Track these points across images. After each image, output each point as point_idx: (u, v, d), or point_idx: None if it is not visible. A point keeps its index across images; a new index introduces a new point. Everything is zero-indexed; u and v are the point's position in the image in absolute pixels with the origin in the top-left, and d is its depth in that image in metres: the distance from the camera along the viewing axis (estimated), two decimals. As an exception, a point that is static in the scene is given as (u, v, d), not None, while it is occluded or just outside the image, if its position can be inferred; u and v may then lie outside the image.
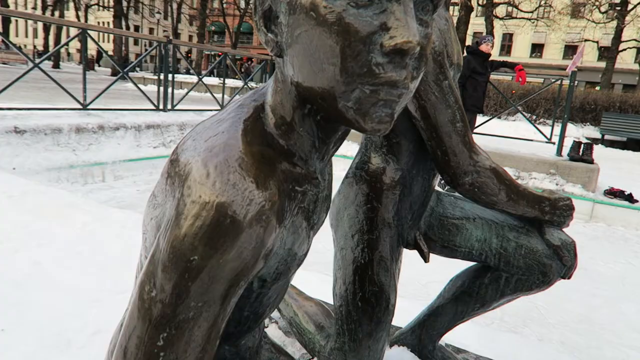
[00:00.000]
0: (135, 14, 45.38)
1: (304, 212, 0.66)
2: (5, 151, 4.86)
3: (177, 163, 0.59)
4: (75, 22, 7.01)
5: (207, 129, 0.61)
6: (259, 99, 0.65)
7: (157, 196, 0.64)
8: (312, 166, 0.66)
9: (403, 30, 0.49)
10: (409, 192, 1.17)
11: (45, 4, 38.05)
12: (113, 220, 3.00)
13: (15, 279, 2.13)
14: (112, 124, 6.00)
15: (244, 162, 0.54)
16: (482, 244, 1.25)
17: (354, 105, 0.53)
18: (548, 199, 1.18)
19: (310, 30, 0.52)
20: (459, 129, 1.04)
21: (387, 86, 0.52)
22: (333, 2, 0.50)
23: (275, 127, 0.62)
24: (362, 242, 1.15)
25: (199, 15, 31.93)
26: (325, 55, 0.52)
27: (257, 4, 0.59)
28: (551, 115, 13.19)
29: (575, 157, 6.88)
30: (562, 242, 1.17)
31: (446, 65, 1.02)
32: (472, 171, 1.06)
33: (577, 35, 34.07)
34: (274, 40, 0.59)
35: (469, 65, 6.56)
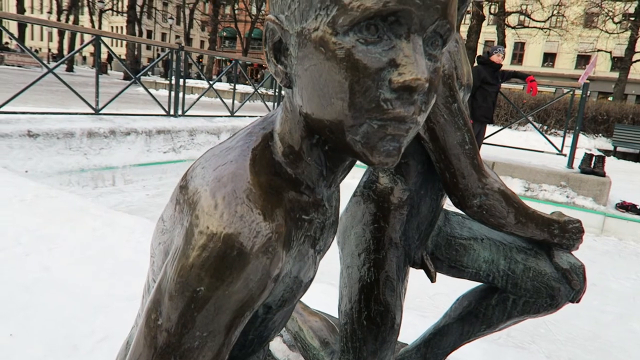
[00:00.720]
0: (148, 19, 45.88)
1: (310, 240, 0.66)
2: (18, 154, 4.92)
3: (186, 190, 0.59)
4: (89, 28, 7.11)
5: (216, 157, 0.61)
6: (267, 127, 0.65)
7: (165, 221, 0.65)
8: (319, 194, 0.66)
9: (412, 67, 0.49)
10: (417, 212, 1.16)
11: (60, 8, 38.61)
12: (122, 225, 3.03)
13: (25, 282, 2.15)
14: (124, 128, 6.06)
15: (252, 193, 0.54)
16: (489, 265, 1.24)
17: (361, 139, 0.54)
18: (557, 222, 1.17)
19: (319, 64, 0.53)
20: (467, 151, 1.04)
21: (395, 121, 0.52)
22: (342, 38, 0.50)
23: (284, 156, 0.63)
24: (368, 261, 1.15)
25: (211, 21, 32.20)
26: (334, 90, 0.52)
27: (268, 36, 0.59)
28: (562, 125, 13.10)
29: (586, 169, 6.82)
30: (571, 266, 1.16)
31: (455, 87, 1.02)
32: (480, 193, 1.06)
33: (590, 45, 33.86)
34: (284, 72, 0.59)
35: (479, 76, 6.55)
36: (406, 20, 0.49)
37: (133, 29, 27.89)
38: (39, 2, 53.49)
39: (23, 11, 32.10)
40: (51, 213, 3.07)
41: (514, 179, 7.16)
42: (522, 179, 7.12)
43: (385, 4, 0.48)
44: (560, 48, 37.03)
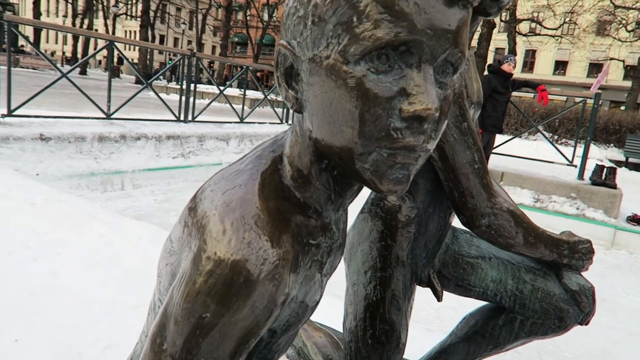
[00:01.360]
0: (162, 23, 46.38)
1: (317, 264, 0.66)
2: (30, 157, 4.98)
3: (195, 213, 0.60)
4: (103, 34, 7.21)
5: (225, 180, 0.61)
6: (277, 150, 0.65)
7: (173, 242, 0.65)
8: (327, 217, 0.66)
9: (422, 97, 0.49)
10: (425, 230, 1.15)
11: (75, 12, 39.18)
12: (130, 231, 3.04)
13: (32, 288, 2.16)
14: (134, 133, 6.11)
15: (260, 219, 0.54)
16: (497, 285, 1.22)
17: (371, 167, 0.54)
18: (567, 242, 1.15)
19: (330, 92, 0.53)
20: (477, 170, 1.03)
21: (405, 150, 0.52)
22: (353, 67, 0.50)
23: (292, 180, 0.63)
24: (374, 279, 1.14)
25: (223, 26, 32.48)
26: (344, 118, 0.52)
27: (279, 61, 0.59)
28: (573, 135, 12.99)
29: (597, 181, 6.74)
30: (580, 288, 1.14)
31: (465, 106, 1.01)
32: (489, 213, 1.05)
33: (602, 53, 33.60)
34: (294, 97, 0.59)
35: (489, 85, 6.52)
36: (417, 50, 0.49)
37: (146, 33, 28.21)
38: (54, 6, 54.31)
39: (39, 15, 32.60)
40: (60, 217, 3.10)
41: (523, 190, 7.10)
42: (531, 189, 7.06)
43: (397, 35, 0.48)
44: (572, 56, 36.82)
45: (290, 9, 0.58)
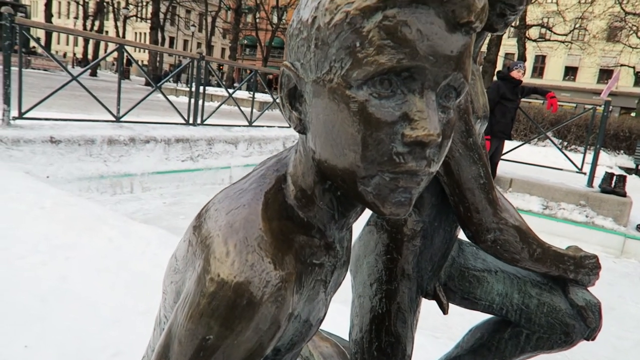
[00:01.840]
0: (171, 26, 46.69)
1: (320, 283, 0.66)
2: (40, 160, 5.03)
3: (199, 232, 0.60)
4: (113, 37, 7.28)
5: (229, 199, 0.62)
6: (281, 169, 0.66)
7: (178, 260, 0.66)
8: (330, 237, 0.67)
9: (424, 122, 0.50)
10: (430, 244, 1.16)
11: (86, 14, 39.58)
12: (139, 236, 3.07)
13: (42, 292, 2.19)
14: (143, 136, 6.16)
15: (263, 241, 0.55)
16: (503, 299, 1.22)
17: (373, 190, 0.54)
18: (573, 258, 1.15)
19: (332, 115, 0.53)
20: (482, 185, 1.03)
21: (407, 174, 0.53)
22: (356, 92, 0.51)
23: (296, 199, 0.63)
24: (380, 292, 1.15)
25: (232, 29, 32.66)
26: (347, 142, 0.53)
27: (283, 82, 0.60)
28: (583, 141, 12.89)
29: (607, 189, 6.69)
30: (586, 303, 1.14)
31: (471, 122, 1.02)
32: (495, 228, 1.05)
33: (612, 59, 33.33)
34: (298, 118, 0.60)
35: (498, 91, 6.50)
36: (420, 76, 0.50)
37: (156, 35, 28.43)
38: (66, 8, 54.90)
39: (51, 16, 32.95)
40: (70, 221, 3.13)
41: (532, 197, 7.06)
42: (540, 196, 7.02)
43: (399, 61, 0.48)
44: (582, 62, 36.58)
45: (294, 30, 0.58)
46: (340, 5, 0.51)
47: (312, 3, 0.55)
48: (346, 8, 0.50)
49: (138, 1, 40.38)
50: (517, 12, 1.01)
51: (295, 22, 0.58)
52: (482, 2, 0.50)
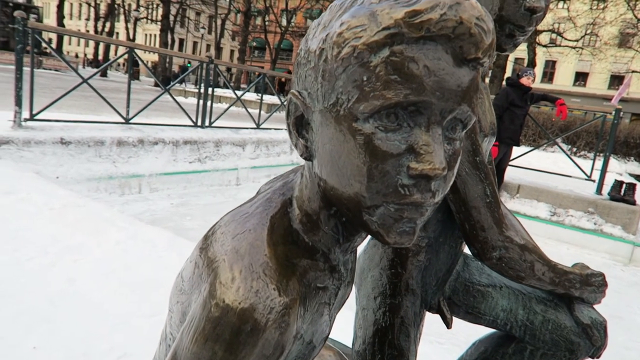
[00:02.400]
0: (181, 27, 47.01)
1: (324, 305, 0.67)
2: (50, 160, 5.08)
3: (205, 255, 0.61)
4: (123, 41, 7.37)
5: (235, 222, 0.63)
6: (287, 193, 0.67)
7: (184, 281, 0.67)
8: (335, 260, 0.67)
9: (429, 156, 0.50)
10: (435, 259, 1.16)
11: (97, 16, 39.96)
12: (145, 238, 3.09)
13: (50, 294, 2.21)
14: (152, 138, 6.20)
15: (268, 267, 0.56)
16: (507, 314, 1.22)
17: (378, 219, 0.55)
18: (579, 275, 1.14)
19: (338, 146, 0.54)
20: (488, 204, 1.03)
21: (412, 206, 0.53)
22: (362, 124, 0.51)
23: (301, 224, 0.64)
24: (384, 305, 1.15)
25: (242, 31, 32.78)
26: (352, 172, 0.53)
27: (290, 109, 0.61)
28: (592, 148, 12.79)
29: (616, 197, 6.63)
30: (592, 321, 1.14)
31: (478, 141, 1.02)
32: (500, 246, 1.05)
33: (624, 65, 33.05)
34: (304, 145, 0.61)
35: (507, 98, 6.47)
36: (426, 110, 0.50)
37: (166, 37, 28.62)
38: (77, 10, 55.45)
39: (62, 18, 33.32)
40: (78, 223, 3.16)
41: (539, 203, 7.02)
42: (548, 203, 6.97)
43: (406, 96, 0.49)
44: (592, 67, 36.29)
45: (302, 59, 0.59)
46: (348, 39, 0.51)
47: (320, 34, 0.56)
48: (354, 42, 0.51)
49: (149, 3, 40.71)
50: (526, 33, 1.01)
51: (303, 51, 0.59)
52: (489, 39, 0.50)
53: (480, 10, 0.50)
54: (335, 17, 0.55)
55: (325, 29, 0.55)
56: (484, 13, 0.50)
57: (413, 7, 0.48)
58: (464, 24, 0.48)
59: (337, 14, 0.55)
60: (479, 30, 0.49)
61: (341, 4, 0.56)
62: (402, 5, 0.49)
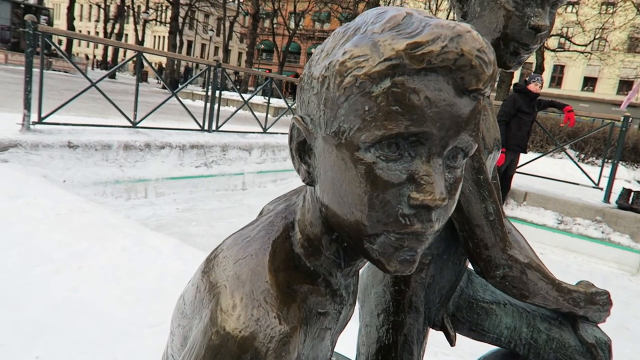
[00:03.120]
0: (190, 29, 47.28)
1: (325, 330, 0.67)
2: (58, 164, 5.12)
3: (207, 279, 0.61)
4: (132, 45, 7.42)
5: (237, 247, 0.63)
6: (289, 216, 0.67)
7: (186, 304, 0.67)
8: (336, 284, 0.67)
9: (430, 187, 0.50)
10: (439, 276, 1.15)
11: (107, 17, 40.30)
12: (150, 245, 3.10)
13: (54, 303, 2.22)
14: (159, 142, 6.23)
15: (269, 295, 0.56)
16: (511, 332, 1.21)
17: (378, 248, 0.55)
18: (584, 294, 1.13)
19: (340, 174, 0.54)
20: (492, 222, 1.03)
21: (413, 235, 0.53)
22: (364, 154, 0.51)
23: (303, 248, 0.64)
24: (387, 323, 1.14)
25: (250, 34, 32.93)
26: (354, 201, 0.53)
27: (294, 134, 0.61)
28: (601, 154, 12.69)
29: (624, 205, 6.57)
30: (596, 341, 1.12)
31: (482, 159, 1.01)
32: (504, 265, 1.04)
33: (633, 70, 32.81)
34: (307, 171, 0.61)
35: (514, 104, 6.43)
36: (427, 140, 0.50)
37: (174, 39, 28.78)
38: (87, 11, 55.98)
39: (73, 19, 33.62)
40: (84, 229, 3.18)
41: (546, 211, 6.97)
42: (555, 211, 6.92)
43: (407, 127, 0.49)
44: (601, 72, 36.03)
45: (305, 84, 0.59)
46: (350, 69, 0.51)
47: (323, 61, 0.56)
48: (356, 72, 0.50)
49: (158, 5, 41.01)
50: (531, 51, 1.01)
51: (306, 76, 0.59)
52: (490, 70, 0.50)
53: (481, 42, 0.49)
54: (338, 44, 0.55)
55: (328, 56, 0.55)
56: (485, 45, 0.50)
57: (415, 39, 0.48)
58: (465, 56, 0.48)
59: (340, 41, 0.55)
60: (480, 62, 0.49)
61: (344, 32, 0.56)
62: (403, 36, 0.49)
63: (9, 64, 23.81)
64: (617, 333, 4.32)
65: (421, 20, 0.50)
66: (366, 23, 0.54)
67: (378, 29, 0.51)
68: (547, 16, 0.97)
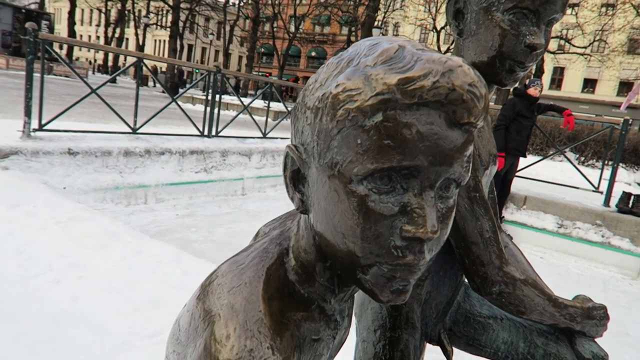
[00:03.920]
0: (190, 33, 47.38)
1: (319, 357, 0.67)
2: (58, 171, 5.13)
3: (201, 307, 0.62)
4: (132, 51, 7.44)
5: (232, 274, 0.63)
6: (283, 242, 0.67)
7: (181, 330, 0.67)
8: (330, 310, 0.67)
9: (421, 220, 0.50)
10: (436, 292, 1.16)
11: (108, 22, 40.43)
12: (149, 253, 3.10)
13: (54, 313, 2.23)
14: (159, 148, 6.24)
15: (262, 325, 0.56)
16: (508, 347, 1.21)
17: (371, 278, 0.55)
18: (581, 309, 1.13)
19: (333, 205, 0.54)
20: (488, 240, 1.03)
21: (405, 267, 0.53)
22: (356, 186, 0.51)
23: (297, 275, 0.64)
24: (384, 339, 1.15)
25: (250, 37, 33.00)
26: (346, 232, 0.53)
27: (287, 163, 0.61)
28: (601, 157, 12.68)
29: (623, 209, 6.56)
30: (593, 356, 1.12)
31: (478, 177, 1.02)
32: (500, 282, 1.04)
33: (633, 72, 32.82)
34: (300, 200, 0.61)
35: (514, 108, 6.44)
36: (419, 174, 0.50)
37: (175, 43, 28.84)
38: (88, 16, 56.14)
39: (74, 24, 33.73)
40: (84, 237, 3.18)
41: (546, 215, 6.97)
42: (555, 215, 6.92)
43: (399, 161, 0.49)
44: (601, 74, 36.04)
45: (299, 114, 0.59)
46: (343, 102, 0.51)
47: (317, 92, 0.56)
48: (348, 105, 0.51)
49: (158, 10, 41.12)
50: (527, 69, 1.01)
51: (300, 105, 0.59)
52: (482, 104, 0.50)
53: (472, 77, 0.50)
54: (331, 76, 0.55)
55: (322, 87, 0.56)
56: (477, 79, 0.50)
57: (406, 75, 0.48)
58: (457, 91, 0.48)
59: (333, 72, 0.55)
60: (471, 96, 0.49)
61: (338, 62, 0.56)
62: (395, 71, 0.49)
63: (10, 69, 23.90)
64: (617, 338, 4.30)
65: (413, 54, 0.50)
66: (359, 55, 0.54)
67: (371, 62, 0.51)
68: (542, 35, 0.97)
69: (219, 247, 5.00)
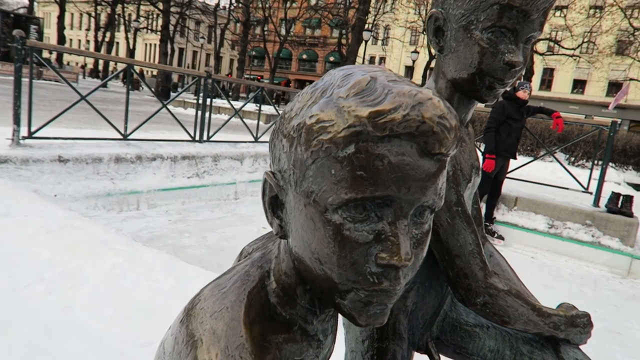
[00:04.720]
0: (181, 37, 47.25)
1: None
2: (48, 179, 5.10)
3: (185, 331, 0.63)
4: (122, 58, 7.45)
5: (214, 298, 0.64)
6: (265, 265, 0.68)
7: (165, 353, 0.68)
8: (312, 331, 0.69)
9: (395, 248, 0.52)
10: (422, 303, 1.18)
11: (98, 26, 40.21)
12: (142, 261, 3.10)
13: (46, 324, 2.22)
14: (150, 154, 6.22)
15: (244, 350, 0.57)
16: (495, 355, 1.24)
17: (349, 303, 0.57)
18: (564, 317, 1.16)
19: (309, 233, 0.56)
20: (471, 252, 1.05)
21: (381, 292, 0.55)
22: (331, 215, 0.53)
23: (278, 297, 0.66)
24: (371, 349, 1.16)
25: (241, 41, 32.99)
26: (324, 259, 0.55)
27: (266, 189, 0.62)
28: (590, 157, 12.81)
29: (613, 209, 6.64)
30: (577, 363, 1.15)
31: (460, 191, 1.04)
32: (484, 293, 1.07)
33: (621, 72, 33.19)
34: (279, 225, 0.62)
35: (504, 111, 6.49)
36: (393, 203, 0.52)
37: (165, 47, 28.77)
38: (78, 20, 55.81)
39: (63, 28, 33.54)
40: (75, 246, 3.17)
41: (537, 215, 7.03)
42: (545, 215, 6.98)
43: (372, 192, 0.50)
44: (590, 75, 36.40)
45: (277, 140, 0.60)
46: (317, 134, 0.53)
47: (292, 121, 0.57)
48: (322, 137, 0.52)
49: (148, 14, 40.98)
50: (506, 85, 1.04)
51: (277, 133, 0.60)
52: (452, 135, 0.52)
53: (442, 109, 0.51)
54: (306, 105, 0.56)
55: (297, 117, 0.57)
56: (447, 111, 0.51)
57: (377, 108, 0.50)
58: (427, 123, 0.49)
59: (307, 102, 0.57)
60: (441, 128, 0.50)
61: (312, 92, 0.57)
62: (366, 104, 0.50)
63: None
64: (608, 337, 4.35)
65: (384, 87, 0.51)
66: (333, 85, 0.55)
67: (343, 93, 0.53)
68: (520, 52, 1.00)
69: (212, 252, 5.00)
